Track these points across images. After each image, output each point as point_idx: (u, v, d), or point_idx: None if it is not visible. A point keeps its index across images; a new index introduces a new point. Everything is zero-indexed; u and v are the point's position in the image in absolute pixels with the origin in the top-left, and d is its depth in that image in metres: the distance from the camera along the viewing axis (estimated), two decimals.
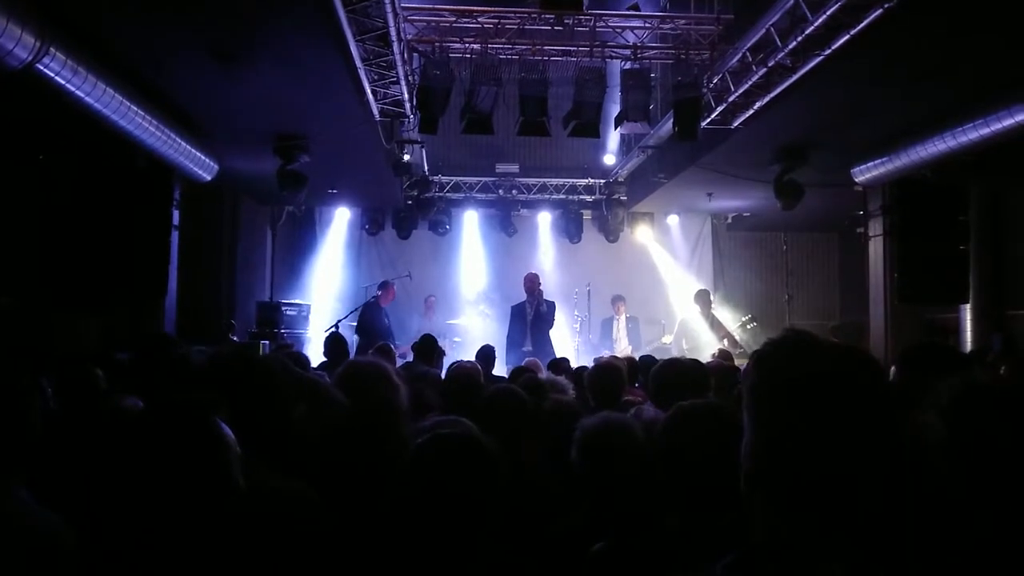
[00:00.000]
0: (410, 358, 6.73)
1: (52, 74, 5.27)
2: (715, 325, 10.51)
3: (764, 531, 1.09)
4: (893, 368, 2.67)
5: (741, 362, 6.95)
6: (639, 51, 7.46)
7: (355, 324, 9.66)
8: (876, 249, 9.55)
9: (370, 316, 9.52)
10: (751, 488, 1.11)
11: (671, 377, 3.40)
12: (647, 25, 7.56)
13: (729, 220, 13.14)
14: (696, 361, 4.26)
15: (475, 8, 7.32)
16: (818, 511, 1.06)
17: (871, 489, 1.06)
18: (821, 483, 1.05)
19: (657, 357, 5.65)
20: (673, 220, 12.98)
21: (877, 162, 8.53)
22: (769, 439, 1.10)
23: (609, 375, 4.11)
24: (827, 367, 1.09)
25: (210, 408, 1.89)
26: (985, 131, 6.82)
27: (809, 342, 1.13)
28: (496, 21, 7.29)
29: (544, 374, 5.34)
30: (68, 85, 5.50)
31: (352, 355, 7.40)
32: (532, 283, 9.96)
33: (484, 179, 12.52)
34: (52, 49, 5.12)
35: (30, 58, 4.95)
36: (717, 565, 1.10)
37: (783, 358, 1.12)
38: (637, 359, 6.65)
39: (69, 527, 1.80)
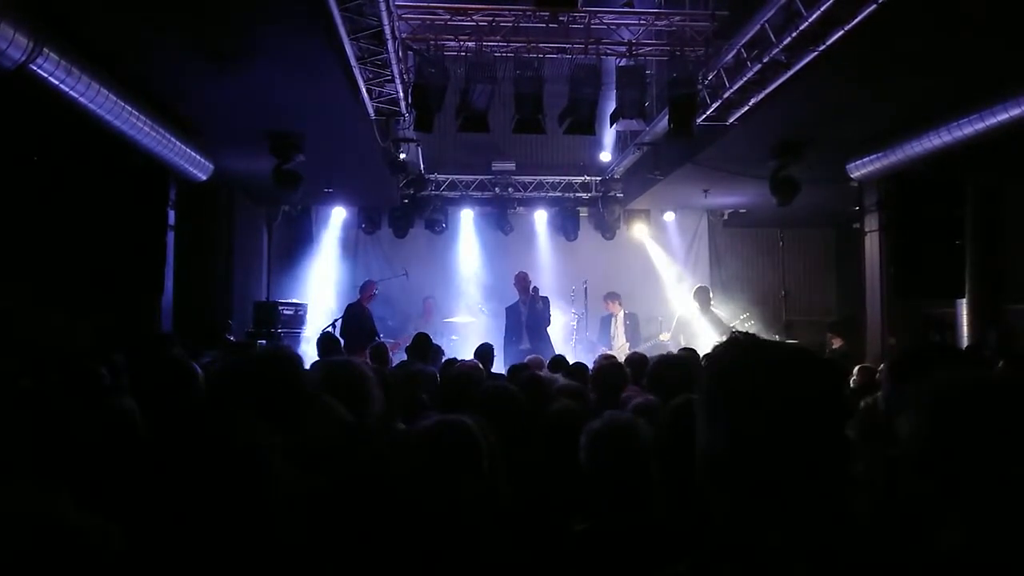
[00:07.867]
0: (401, 353, 6.72)
1: (46, 75, 5.26)
2: (714, 322, 10.52)
3: (723, 528, 1.11)
4: (881, 370, 2.65)
5: None
6: (634, 48, 7.46)
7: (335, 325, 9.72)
8: (872, 244, 9.56)
9: (353, 317, 9.54)
10: (710, 485, 1.13)
11: (666, 370, 3.44)
12: (642, 22, 7.55)
13: (725, 216, 13.16)
14: (692, 352, 4.32)
15: (469, 6, 7.31)
16: (771, 506, 1.07)
17: (819, 484, 1.08)
18: (771, 477, 1.08)
19: (654, 355, 5.66)
20: (669, 216, 13.00)
21: (872, 157, 8.55)
22: (720, 435, 1.12)
23: (612, 373, 4.45)
24: (773, 365, 1.13)
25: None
26: (980, 126, 6.83)
27: (756, 343, 1.20)
28: (491, 19, 7.28)
29: (546, 371, 5.38)
30: (62, 86, 5.49)
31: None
32: (523, 282, 9.95)
33: (480, 177, 12.51)
34: (45, 50, 5.11)
35: (23, 59, 4.94)
36: (680, 564, 1.11)
37: (732, 358, 1.17)
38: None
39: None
